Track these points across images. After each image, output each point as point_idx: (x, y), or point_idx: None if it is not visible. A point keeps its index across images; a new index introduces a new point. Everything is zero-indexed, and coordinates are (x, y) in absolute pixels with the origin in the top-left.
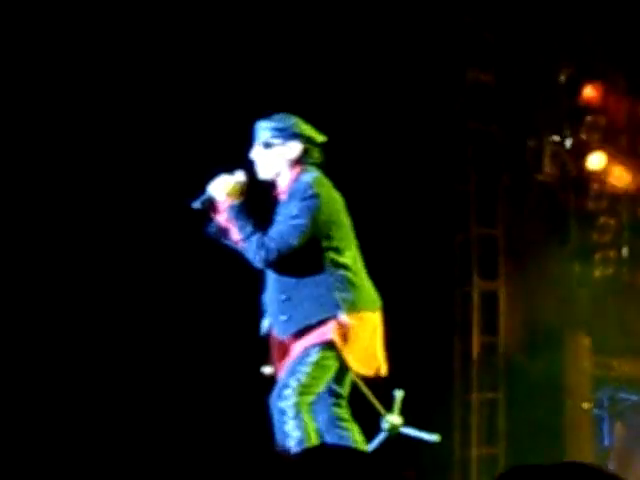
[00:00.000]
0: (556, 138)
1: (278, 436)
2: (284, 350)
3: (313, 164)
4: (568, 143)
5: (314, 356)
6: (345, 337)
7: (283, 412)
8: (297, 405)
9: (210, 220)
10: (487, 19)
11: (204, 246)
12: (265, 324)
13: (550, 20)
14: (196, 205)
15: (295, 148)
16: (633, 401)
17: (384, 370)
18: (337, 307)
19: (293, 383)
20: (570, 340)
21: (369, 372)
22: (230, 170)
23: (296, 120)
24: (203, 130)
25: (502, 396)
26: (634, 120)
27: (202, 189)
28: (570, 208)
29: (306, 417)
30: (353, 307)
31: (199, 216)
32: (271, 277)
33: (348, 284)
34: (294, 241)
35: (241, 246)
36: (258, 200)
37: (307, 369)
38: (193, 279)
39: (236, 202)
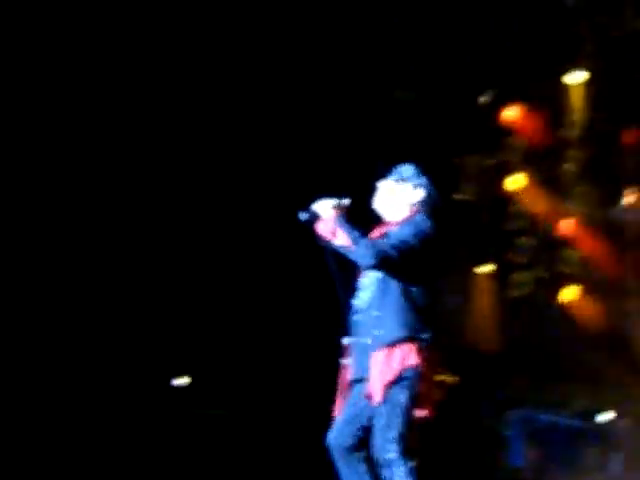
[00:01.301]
0: (476, 158)
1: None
2: (375, 362)
3: (424, 214)
4: (488, 163)
5: (403, 399)
6: (425, 363)
7: (392, 463)
8: (402, 453)
9: (316, 235)
10: (413, 42)
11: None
12: (351, 339)
13: (472, 43)
14: (303, 217)
15: (419, 194)
16: (547, 422)
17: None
18: (422, 331)
19: (393, 433)
20: None
21: (426, 410)
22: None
23: (428, 176)
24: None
25: None
26: (554, 142)
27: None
28: (488, 228)
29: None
30: (432, 339)
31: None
32: (368, 291)
33: (432, 312)
34: (403, 248)
35: (349, 247)
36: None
37: (402, 419)
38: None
39: (342, 215)
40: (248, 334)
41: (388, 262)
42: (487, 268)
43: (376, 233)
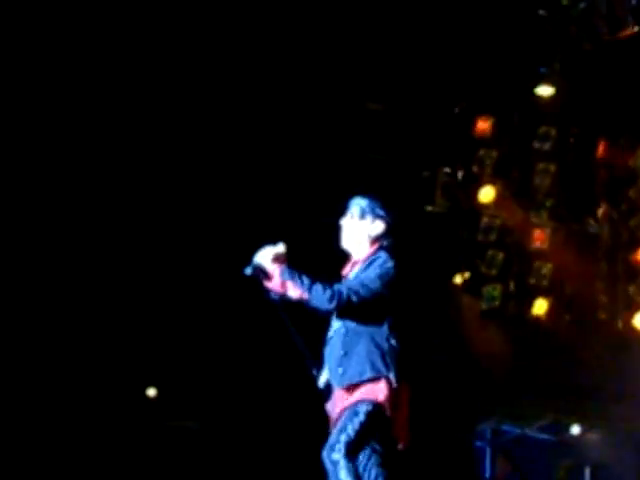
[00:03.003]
0: (448, 170)
1: None
2: (339, 400)
3: (386, 247)
4: (460, 175)
5: (362, 417)
6: (392, 401)
7: (336, 464)
8: (347, 456)
9: (266, 290)
10: (385, 54)
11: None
12: (322, 378)
13: (444, 55)
14: (248, 272)
15: (379, 227)
16: (515, 435)
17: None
18: (388, 370)
19: (343, 438)
20: None
21: (401, 441)
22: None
23: (381, 204)
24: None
25: None
26: (526, 154)
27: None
28: (460, 240)
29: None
30: (400, 374)
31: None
32: (335, 332)
33: (398, 353)
34: (363, 294)
35: (306, 298)
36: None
37: (356, 427)
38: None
39: (283, 265)
40: (221, 345)
41: (347, 306)
42: (459, 280)
43: (346, 270)
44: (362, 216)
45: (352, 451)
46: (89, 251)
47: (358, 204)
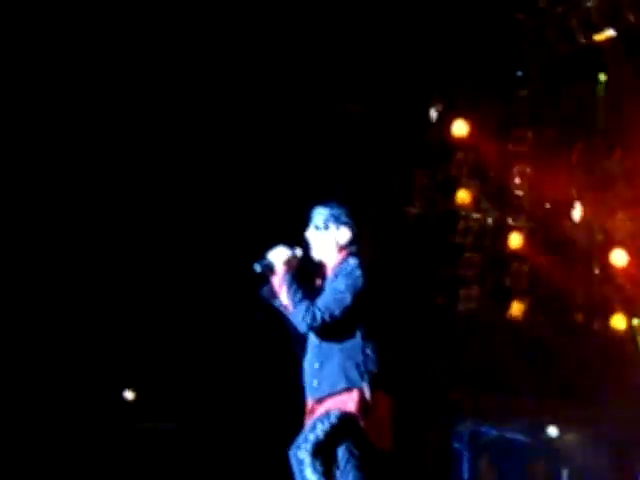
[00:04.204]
0: (425, 172)
1: None
2: (312, 412)
3: (355, 254)
4: (437, 178)
5: (334, 419)
6: (365, 411)
7: (301, 461)
8: (313, 455)
9: (265, 283)
10: (362, 57)
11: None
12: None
13: (421, 58)
14: (257, 268)
15: (345, 234)
16: (493, 436)
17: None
18: (361, 380)
19: (311, 437)
20: None
21: (382, 445)
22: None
23: (347, 210)
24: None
25: None
26: (502, 156)
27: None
28: (436, 242)
29: (320, 465)
30: (375, 383)
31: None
32: (311, 345)
33: (373, 362)
34: (338, 313)
35: (290, 310)
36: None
37: (326, 428)
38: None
39: (291, 272)
40: (199, 346)
41: (322, 330)
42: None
43: (318, 282)
44: (326, 226)
45: (318, 452)
46: (66, 253)
47: (320, 214)
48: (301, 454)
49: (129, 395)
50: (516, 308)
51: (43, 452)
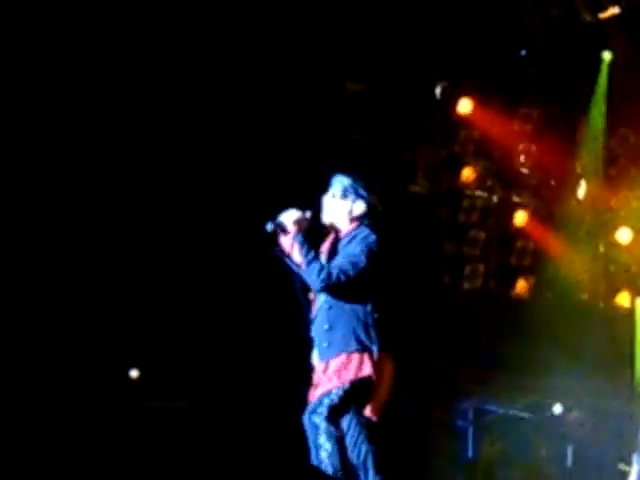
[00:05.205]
0: (430, 150)
1: (312, 449)
2: (323, 372)
3: (367, 226)
4: (442, 156)
5: (347, 385)
6: (378, 374)
7: (317, 426)
8: (328, 419)
9: (277, 243)
10: (365, 34)
11: None
12: (314, 355)
13: (426, 35)
14: (269, 227)
15: (360, 207)
16: (498, 414)
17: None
18: (371, 342)
19: (326, 401)
20: None
21: (377, 414)
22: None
23: (366, 185)
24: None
25: None
26: (507, 134)
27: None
28: (441, 220)
29: (335, 430)
30: (384, 346)
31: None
32: (320, 308)
33: (381, 325)
34: (352, 273)
35: (302, 269)
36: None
37: (341, 393)
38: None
39: (301, 232)
40: (210, 324)
41: (336, 288)
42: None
43: (326, 245)
44: (344, 195)
45: (334, 416)
46: (70, 234)
47: (341, 182)
48: (316, 419)
49: (134, 373)
50: (521, 286)
51: (50, 432)
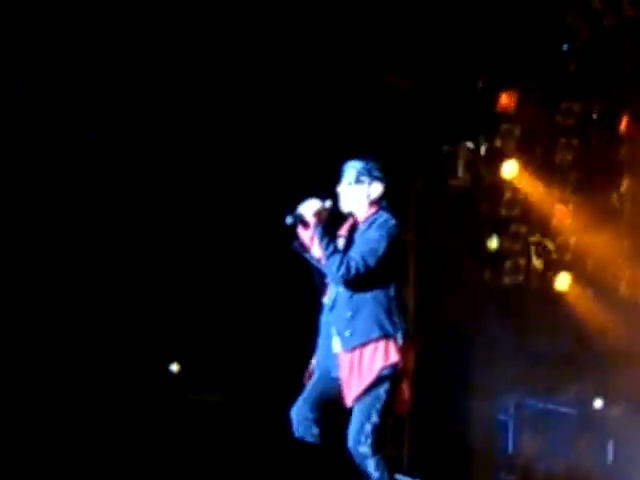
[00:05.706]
0: (471, 145)
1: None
2: (350, 363)
3: (386, 208)
4: (483, 150)
5: (383, 396)
6: (404, 360)
7: (365, 456)
8: (373, 445)
9: (296, 236)
10: (407, 28)
11: None
12: (335, 344)
13: (468, 29)
14: (288, 220)
15: (377, 189)
16: (538, 408)
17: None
18: (395, 329)
19: (368, 428)
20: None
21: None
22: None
23: (380, 165)
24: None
25: None
26: (549, 129)
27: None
28: (483, 215)
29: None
30: (406, 333)
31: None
32: (340, 296)
33: (404, 312)
34: (372, 262)
35: (323, 262)
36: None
37: (378, 406)
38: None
39: (321, 223)
40: (245, 319)
41: (356, 281)
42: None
43: (343, 231)
44: (358, 180)
45: (379, 436)
46: (109, 225)
47: (353, 167)
48: (362, 449)
49: (175, 367)
50: (562, 281)
51: (90, 426)
